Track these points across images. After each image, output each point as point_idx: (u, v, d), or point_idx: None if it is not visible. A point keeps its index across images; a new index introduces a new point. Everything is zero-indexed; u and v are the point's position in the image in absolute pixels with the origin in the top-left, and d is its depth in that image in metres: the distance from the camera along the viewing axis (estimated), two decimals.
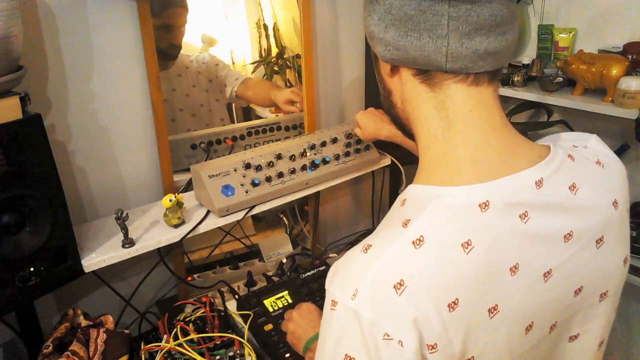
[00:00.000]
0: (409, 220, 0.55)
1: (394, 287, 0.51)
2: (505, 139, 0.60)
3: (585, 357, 0.68)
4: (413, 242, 0.53)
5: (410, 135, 0.67)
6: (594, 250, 0.62)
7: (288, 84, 1.58)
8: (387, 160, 1.50)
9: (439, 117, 0.59)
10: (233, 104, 1.54)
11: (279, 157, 1.27)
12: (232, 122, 1.54)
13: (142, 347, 1.04)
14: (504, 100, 1.67)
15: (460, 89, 0.58)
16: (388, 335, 0.50)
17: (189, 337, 1.03)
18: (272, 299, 1.18)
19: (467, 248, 0.53)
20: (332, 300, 0.55)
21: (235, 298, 1.21)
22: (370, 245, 0.55)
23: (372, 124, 1.26)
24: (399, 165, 1.48)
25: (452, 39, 0.55)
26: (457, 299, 0.52)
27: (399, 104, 0.65)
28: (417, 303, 0.51)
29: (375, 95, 1.68)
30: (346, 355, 0.53)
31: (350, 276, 0.54)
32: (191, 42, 1.41)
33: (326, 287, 0.58)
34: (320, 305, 0.93)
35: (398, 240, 0.54)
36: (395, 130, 1.22)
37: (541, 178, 0.58)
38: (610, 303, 0.67)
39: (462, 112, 0.58)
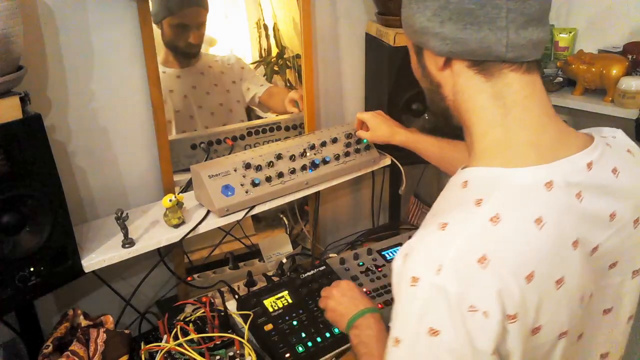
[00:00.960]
0: (482, 199, 0.58)
1: (478, 261, 0.55)
2: (556, 124, 0.65)
3: (616, 329, 0.73)
4: (490, 219, 0.57)
5: (454, 126, 0.71)
6: (632, 230, 0.67)
7: (288, 84, 1.58)
8: (387, 160, 1.50)
9: (497, 105, 0.63)
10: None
11: (279, 157, 1.27)
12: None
13: (142, 347, 1.04)
14: None
15: (516, 77, 0.63)
16: (473, 307, 0.54)
17: (189, 337, 1.03)
18: (272, 299, 1.18)
19: (539, 224, 0.57)
20: (413, 277, 0.57)
21: (235, 298, 1.21)
22: (447, 223, 0.58)
23: (385, 128, 1.26)
24: (399, 165, 1.48)
25: (511, 30, 0.59)
26: (533, 271, 0.56)
27: (450, 96, 0.68)
28: (499, 276, 0.55)
29: (375, 95, 1.68)
30: (430, 329, 0.56)
31: (431, 253, 0.57)
32: None
33: (396, 267, 0.61)
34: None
35: (475, 217, 0.57)
36: (412, 136, 1.23)
37: (591, 161, 0.63)
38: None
39: (519, 99, 0.63)
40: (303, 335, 1.10)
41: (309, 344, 1.08)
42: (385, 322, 0.83)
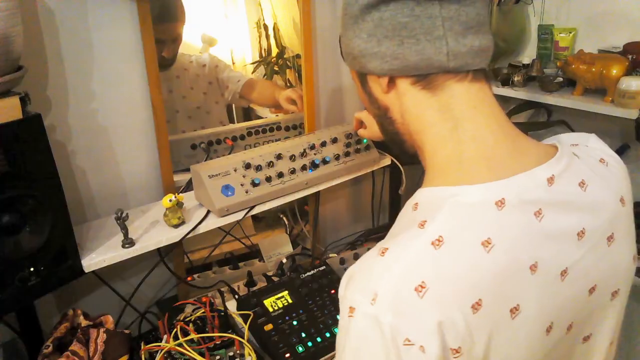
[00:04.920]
0: (425, 221, 0.54)
1: (416, 289, 0.50)
2: (512, 136, 0.60)
3: (596, 356, 0.67)
4: (432, 243, 0.52)
5: (409, 151, 0.67)
6: (606, 248, 0.61)
7: (288, 84, 1.58)
8: (387, 160, 1.50)
9: (444, 118, 0.59)
10: (233, 105, 1.53)
11: (279, 157, 1.27)
12: (232, 122, 1.54)
13: (142, 347, 1.04)
14: (504, 100, 1.67)
15: (463, 87, 0.59)
16: (409, 341, 0.49)
17: (189, 337, 1.03)
18: (272, 299, 1.18)
19: (487, 247, 0.52)
20: (350, 307, 0.53)
21: (235, 298, 1.21)
22: (387, 249, 0.53)
23: None
24: (399, 165, 1.48)
25: (450, 39, 0.56)
26: (480, 299, 0.51)
27: (398, 119, 0.65)
28: (440, 305, 0.50)
29: None
30: None
31: (368, 281, 0.53)
32: (191, 42, 1.41)
33: (340, 294, 0.56)
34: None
35: (416, 241, 0.53)
36: None
37: (552, 175, 0.58)
38: (620, 302, 0.66)
39: (467, 109, 0.59)
40: (303, 335, 1.10)
41: (309, 344, 1.08)
42: None
